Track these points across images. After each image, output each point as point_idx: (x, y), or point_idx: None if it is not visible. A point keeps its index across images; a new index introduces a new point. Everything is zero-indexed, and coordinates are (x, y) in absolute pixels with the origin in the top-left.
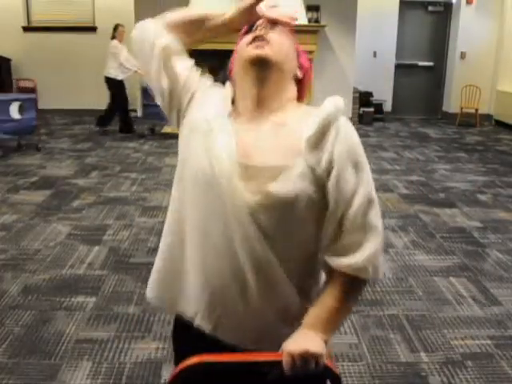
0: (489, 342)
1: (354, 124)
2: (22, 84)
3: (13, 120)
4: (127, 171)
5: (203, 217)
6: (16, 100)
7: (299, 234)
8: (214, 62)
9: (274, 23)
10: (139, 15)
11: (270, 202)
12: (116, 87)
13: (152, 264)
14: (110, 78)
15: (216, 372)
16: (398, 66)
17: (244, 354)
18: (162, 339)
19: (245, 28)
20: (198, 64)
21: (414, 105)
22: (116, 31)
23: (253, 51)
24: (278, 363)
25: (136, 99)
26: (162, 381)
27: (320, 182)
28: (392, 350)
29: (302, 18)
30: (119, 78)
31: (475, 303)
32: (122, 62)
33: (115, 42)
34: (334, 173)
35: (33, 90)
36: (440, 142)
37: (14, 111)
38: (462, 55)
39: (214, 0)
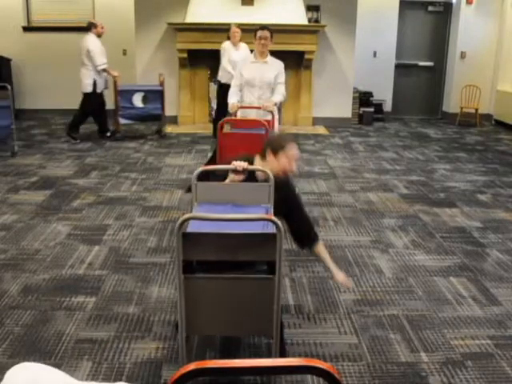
0: (489, 341)
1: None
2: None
3: (135, 108)
4: (127, 171)
5: None
6: (140, 91)
7: None
8: (214, 62)
9: None
10: (139, 15)
11: None
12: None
13: (152, 264)
14: None
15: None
16: (397, 66)
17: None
18: (161, 339)
19: None
20: (197, 63)
21: (413, 105)
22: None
23: None
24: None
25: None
26: (162, 381)
27: None
28: (392, 349)
29: (302, 18)
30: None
31: (475, 303)
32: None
33: None
34: None
35: (161, 84)
36: (440, 141)
37: (138, 100)
38: (462, 55)
39: (214, 1)
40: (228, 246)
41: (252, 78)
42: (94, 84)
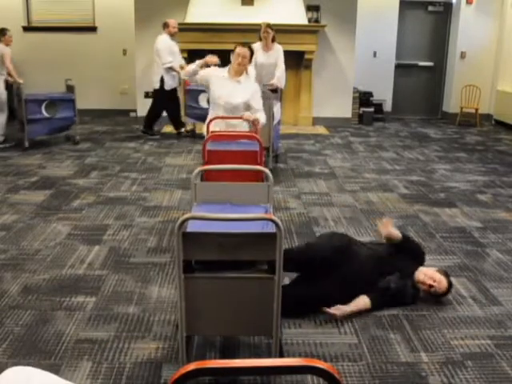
0: (489, 341)
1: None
2: None
3: (201, 108)
4: (127, 171)
5: None
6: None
7: None
8: None
9: None
10: (139, 15)
11: None
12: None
13: (152, 264)
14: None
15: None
16: (397, 66)
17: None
18: (162, 339)
19: None
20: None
21: (413, 105)
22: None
23: None
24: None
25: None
26: (162, 381)
27: None
28: (392, 350)
29: (302, 18)
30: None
31: (475, 303)
32: None
33: None
34: None
35: None
36: (440, 142)
37: (203, 101)
38: (462, 55)
39: (214, 1)
40: (228, 246)
41: (217, 97)
42: (162, 81)
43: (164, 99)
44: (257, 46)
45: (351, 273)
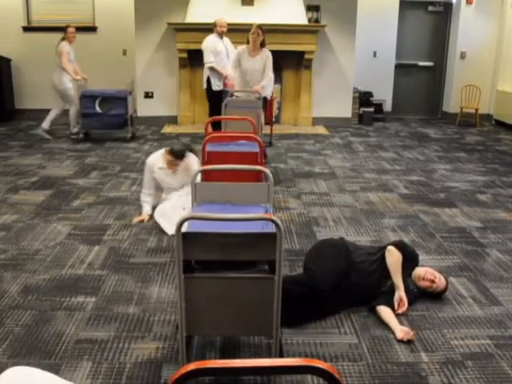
0: (489, 341)
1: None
2: None
3: None
4: (127, 171)
5: None
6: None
7: None
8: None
9: None
10: (139, 15)
11: None
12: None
13: (152, 264)
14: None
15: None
16: (397, 66)
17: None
18: (162, 339)
19: None
20: (197, 63)
21: (413, 105)
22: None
23: None
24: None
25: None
26: (162, 381)
27: None
28: (392, 350)
29: (302, 18)
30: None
31: (475, 303)
32: None
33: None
34: None
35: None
36: (440, 142)
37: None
38: (462, 55)
39: (214, 1)
40: (228, 246)
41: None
42: (208, 81)
43: (213, 99)
44: (242, 49)
45: (354, 285)
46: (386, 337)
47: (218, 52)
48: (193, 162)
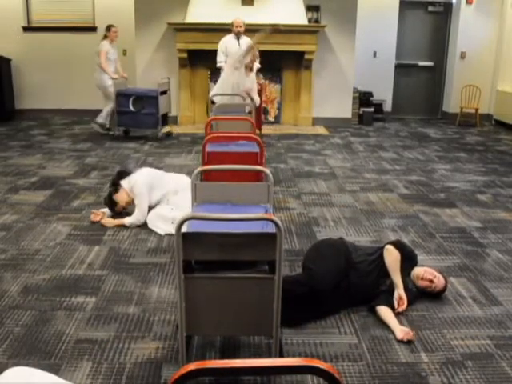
0: (489, 342)
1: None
2: None
3: None
4: None
5: None
6: None
7: None
8: (214, 62)
9: None
10: (139, 15)
11: None
12: None
13: (152, 264)
14: None
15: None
16: (397, 66)
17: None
18: (162, 339)
19: None
20: (197, 63)
21: (413, 105)
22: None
23: None
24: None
25: None
26: (162, 381)
27: None
28: (392, 350)
29: (302, 18)
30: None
31: (475, 303)
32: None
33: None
34: None
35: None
36: (440, 142)
37: None
38: (462, 55)
39: (214, 1)
40: (228, 246)
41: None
42: None
43: None
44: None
45: (353, 284)
46: (385, 337)
47: (230, 52)
48: (131, 186)
